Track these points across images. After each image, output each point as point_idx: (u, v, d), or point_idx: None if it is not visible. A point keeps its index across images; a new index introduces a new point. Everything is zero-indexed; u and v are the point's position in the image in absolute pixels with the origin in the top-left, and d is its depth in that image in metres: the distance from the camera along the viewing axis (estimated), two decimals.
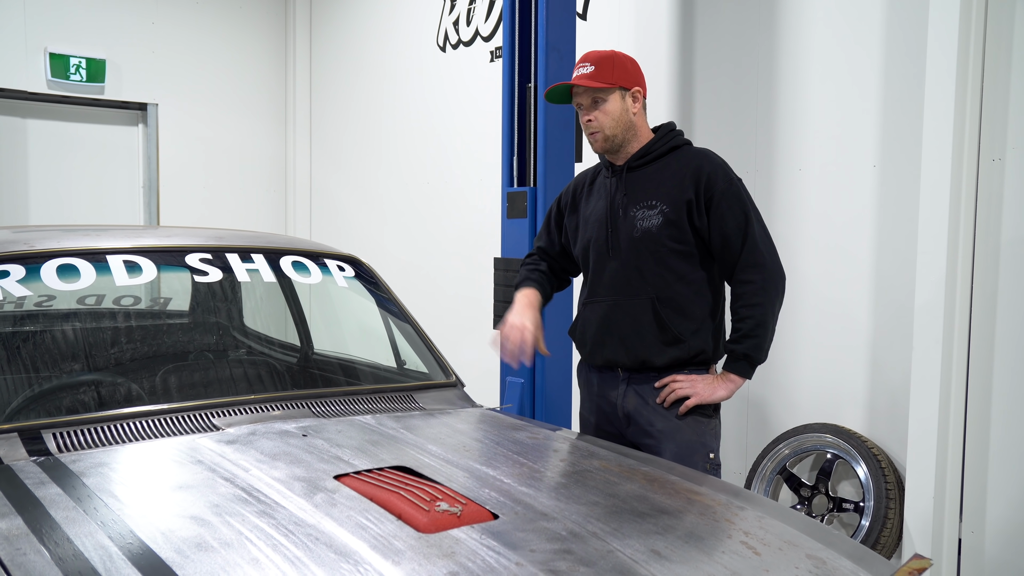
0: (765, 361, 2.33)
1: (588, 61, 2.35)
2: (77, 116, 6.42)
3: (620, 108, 2.35)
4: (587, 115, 2.38)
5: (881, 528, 3.11)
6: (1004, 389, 2.96)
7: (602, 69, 2.33)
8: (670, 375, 2.34)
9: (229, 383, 2.49)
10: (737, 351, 2.30)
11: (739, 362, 2.31)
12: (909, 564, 1.53)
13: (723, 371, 2.34)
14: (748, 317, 2.28)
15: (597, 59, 2.35)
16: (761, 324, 2.27)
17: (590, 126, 2.38)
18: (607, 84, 2.33)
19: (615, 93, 2.35)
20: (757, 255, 2.28)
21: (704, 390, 2.31)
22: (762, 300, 2.27)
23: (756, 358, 2.30)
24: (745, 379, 2.33)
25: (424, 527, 1.48)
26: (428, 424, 2.21)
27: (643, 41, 4.22)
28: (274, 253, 2.62)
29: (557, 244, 2.62)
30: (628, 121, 2.37)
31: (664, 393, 2.34)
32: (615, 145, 2.39)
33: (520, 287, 2.59)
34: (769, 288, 2.28)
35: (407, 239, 6.09)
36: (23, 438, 1.88)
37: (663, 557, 1.45)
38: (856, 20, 3.39)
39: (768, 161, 3.69)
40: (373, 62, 6.42)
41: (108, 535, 1.41)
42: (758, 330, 2.27)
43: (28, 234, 2.42)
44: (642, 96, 2.40)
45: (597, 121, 2.36)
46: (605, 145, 2.39)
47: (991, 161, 2.95)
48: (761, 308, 2.27)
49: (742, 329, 2.28)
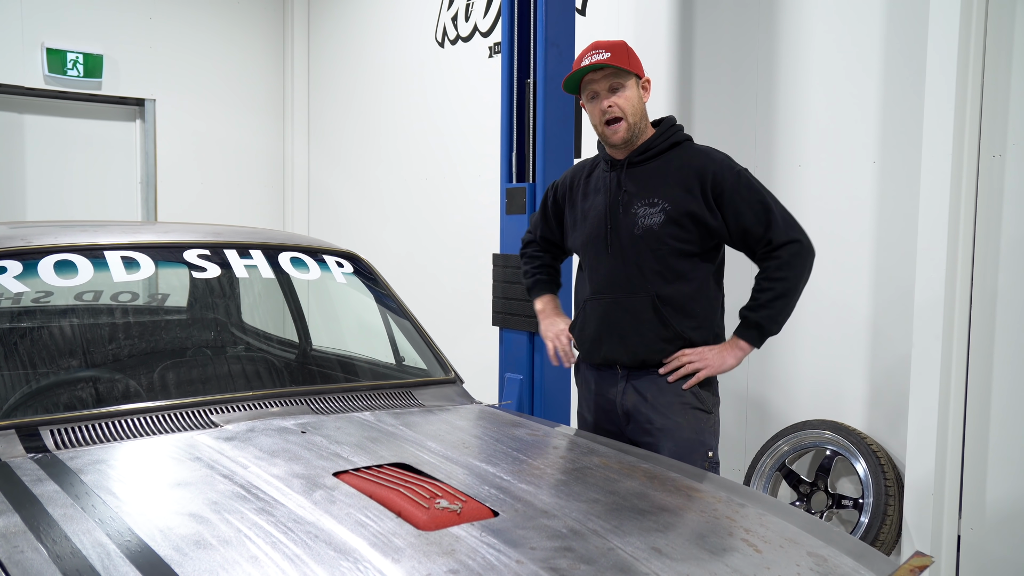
0: (778, 334, 2.32)
1: (602, 48, 2.29)
2: (74, 112, 6.40)
3: (637, 96, 2.32)
4: (606, 101, 2.30)
5: (880, 525, 3.11)
6: (1004, 385, 2.96)
7: (619, 56, 2.28)
8: (678, 352, 2.33)
9: (227, 380, 2.48)
10: (751, 318, 2.29)
11: (750, 330, 2.30)
12: (910, 562, 1.52)
13: (733, 336, 2.32)
14: (768, 288, 2.27)
15: (611, 46, 2.30)
16: (780, 296, 2.26)
17: (611, 112, 2.30)
18: (629, 67, 2.29)
19: (632, 79, 2.32)
20: (783, 234, 2.26)
21: (714, 359, 2.30)
22: (786, 274, 2.26)
23: (768, 329, 2.29)
24: (753, 347, 2.32)
25: (424, 524, 1.48)
26: (427, 421, 2.20)
27: (642, 36, 4.21)
28: (273, 249, 2.61)
29: (557, 232, 2.62)
30: (643, 111, 2.35)
31: (672, 366, 2.32)
32: (634, 135, 2.33)
33: (534, 292, 2.66)
34: (795, 263, 2.26)
35: (405, 235, 6.08)
36: (20, 435, 1.87)
37: (664, 555, 1.44)
38: (857, 15, 3.38)
39: (767, 157, 3.68)
40: (371, 58, 6.41)
41: (106, 533, 1.41)
42: (776, 302, 2.26)
43: (26, 230, 2.41)
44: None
45: (619, 107, 2.29)
46: (627, 135, 2.32)
47: (991, 157, 2.95)
48: (784, 282, 2.26)
49: (760, 299, 2.28)
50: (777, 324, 2.29)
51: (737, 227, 2.28)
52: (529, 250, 2.70)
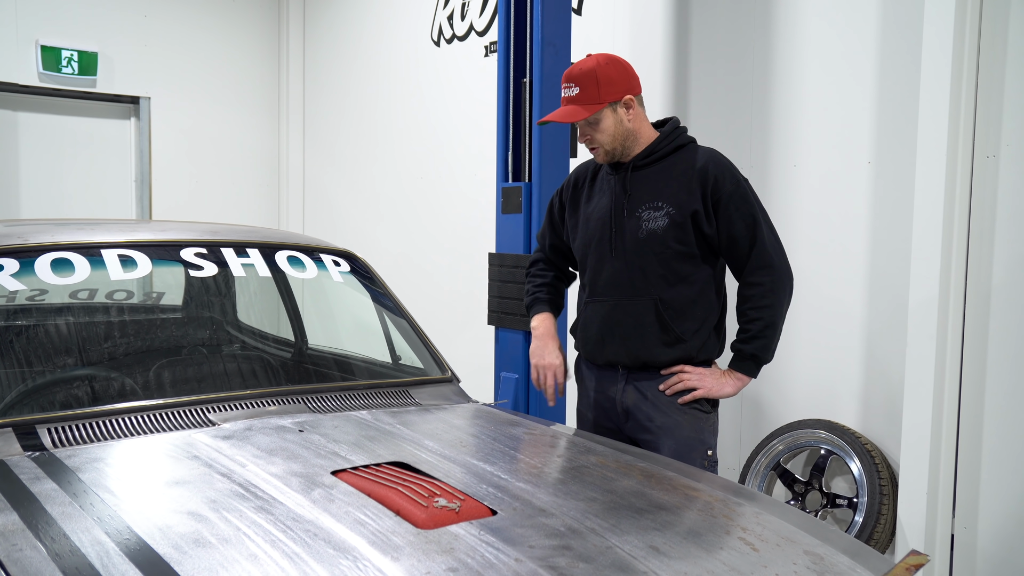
0: (771, 361, 2.35)
1: (573, 81, 2.30)
2: (69, 109, 6.38)
3: (614, 122, 2.31)
4: (584, 135, 2.35)
5: (874, 524, 3.12)
6: (998, 386, 2.97)
7: (587, 89, 2.28)
8: (678, 366, 2.34)
9: (224, 378, 2.48)
10: (745, 351, 2.31)
11: (746, 362, 2.32)
12: (906, 560, 1.53)
13: (730, 368, 2.35)
14: (757, 319, 2.29)
15: (579, 77, 2.29)
16: (770, 325, 2.29)
17: (588, 143, 2.35)
18: (595, 106, 2.28)
19: (606, 110, 2.30)
20: (766, 256, 2.28)
21: (712, 384, 2.32)
22: (771, 302, 2.29)
23: (763, 358, 2.33)
24: (751, 378, 2.35)
25: (423, 523, 1.48)
26: (424, 420, 2.20)
27: (638, 36, 4.21)
28: (269, 248, 2.61)
29: (563, 241, 2.58)
30: (625, 131, 2.33)
31: (671, 381, 2.33)
32: (617, 155, 2.36)
33: (533, 310, 2.59)
34: (778, 289, 2.29)
35: (401, 234, 6.08)
36: (18, 433, 1.87)
37: (662, 553, 1.45)
38: (851, 16, 3.39)
39: (763, 158, 3.69)
40: (367, 56, 6.40)
41: (105, 531, 1.41)
42: (767, 331, 2.29)
43: (21, 228, 2.41)
44: (635, 99, 2.34)
45: (594, 139, 2.33)
46: (607, 158, 2.37)
47: (986, 158, 2.96)
48: (770, 310, 2.29)
49: (751, 330, 2.30)
50: (771, 352, 2.33)
51: (727, 236, 2.29)
52: (534, 269, 2.67)
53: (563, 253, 2.61)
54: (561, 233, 2.58)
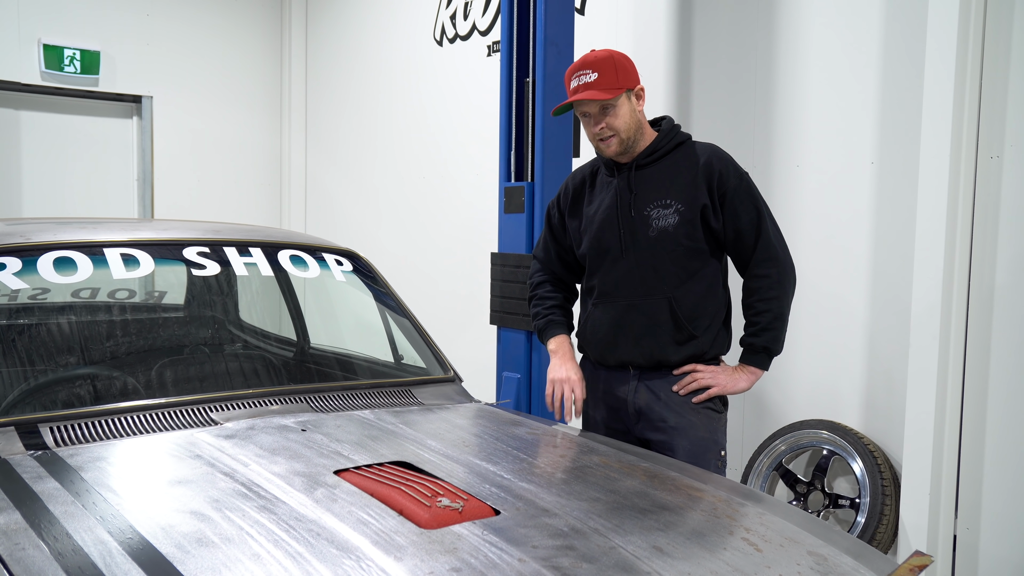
0: (781, 352, 2.36)
1: (589, 67, 2.27)
2: (71, 108, 6.38)
3: (629, 110, 2.31)
4: (598, 123, 2.30)
5: (877, 525, 3.12)
6: (1000, 386, 2.97)
7: (606, 74, 2.26)
8: (689, 365, 2.35)
9: (226, 377, 2.48)
10: (756, 344, 2.32)
11: (758, 355, 2.34)
12: (910, 561, 1.53)
13: (741, 363, 2.36)
14: (766, 311, 2.31)
15: (596, 63, 2.27)
16: (778, 317, 2.31)
17: (603, 132, 2.30)
18: (616, 90, 2.26)
19: (623, 96, 2.29)
20: (770, 249, 2.31)
21: (726, 381, 2.33)
22: (778, 294, 2.31)
23: (774, 350, 2.34)
24: (763, 371, 2.36)
25: (426, 523, 1.48)
26: (427, 419, 2.20)
27: (641, 36, 4.21)
28: (272, 247, 2.61)
29: (569, 250, 2.54)
30: (638, 121, 2.33)
31: (685, 381, 2.34)
32: (628, 147, 2.34)
33: (547, 333, 2.54)
34: (784, 281, 2.32)
35: (403, 234, 6.08)
36: (20, 432, 1.87)
37: (665, 553, 1.45)
38: (855, 16, 3.39)
39: (766, 158, 3.69)
40: (369, 56, 6.40)
41: (107, 530, 1.40)
42: (776, 323, 2.31)
43: (24, 226, 2.40)
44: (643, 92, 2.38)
45: (611, 127, 2.29)
46: (619, 148, 2.33)
47: (989, 158, 2.95)
48: (778, 301, 2.31)
49: (760, 323, 2.31)
50: (780, 344, 2.34)
51: (733, 229, 2.31)
52: (540, 291, 2.61)
53: (569, 263, 2.57)
54: (564, 241, 2.55)
